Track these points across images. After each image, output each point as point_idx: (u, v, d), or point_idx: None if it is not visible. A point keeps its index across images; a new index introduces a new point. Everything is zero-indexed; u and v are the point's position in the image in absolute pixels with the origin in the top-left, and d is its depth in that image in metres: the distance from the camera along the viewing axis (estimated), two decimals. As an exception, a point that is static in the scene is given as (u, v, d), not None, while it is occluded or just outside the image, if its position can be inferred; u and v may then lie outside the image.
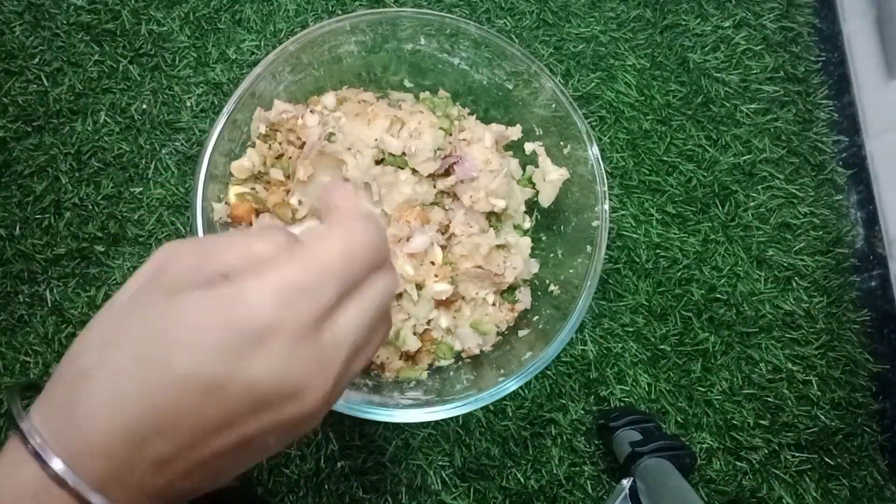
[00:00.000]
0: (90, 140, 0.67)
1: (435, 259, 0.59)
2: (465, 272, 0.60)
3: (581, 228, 0.61)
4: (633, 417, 0.67)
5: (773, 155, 0.79)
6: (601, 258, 0.58)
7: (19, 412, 0.29)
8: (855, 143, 0.82)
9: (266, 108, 0.59)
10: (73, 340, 0.30)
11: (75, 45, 0.69)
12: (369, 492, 0.66)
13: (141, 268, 0.32)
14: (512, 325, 0.63)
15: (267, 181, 0.60)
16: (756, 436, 0.72)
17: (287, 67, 0.59)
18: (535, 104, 0.63)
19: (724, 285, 0.75)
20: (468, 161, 0.60)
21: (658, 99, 0.78)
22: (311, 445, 0.65)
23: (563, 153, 0.62)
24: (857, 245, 0.80)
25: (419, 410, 0.53)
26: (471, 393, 0.54)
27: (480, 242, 0.60)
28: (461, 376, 0.59)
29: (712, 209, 0.77)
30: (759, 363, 0.74)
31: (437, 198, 0.61)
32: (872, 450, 0.74)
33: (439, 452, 0.67)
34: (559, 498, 0.68)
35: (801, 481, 0.72)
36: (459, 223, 0.61)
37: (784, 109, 0.81)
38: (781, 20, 0.83)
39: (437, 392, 0.57)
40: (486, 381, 0.56)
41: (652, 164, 0.77)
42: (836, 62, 0.84)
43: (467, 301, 0.62)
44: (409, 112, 0.61)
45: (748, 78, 0.81)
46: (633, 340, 0.72)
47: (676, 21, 0.81)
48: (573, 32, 0.79)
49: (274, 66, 0.57)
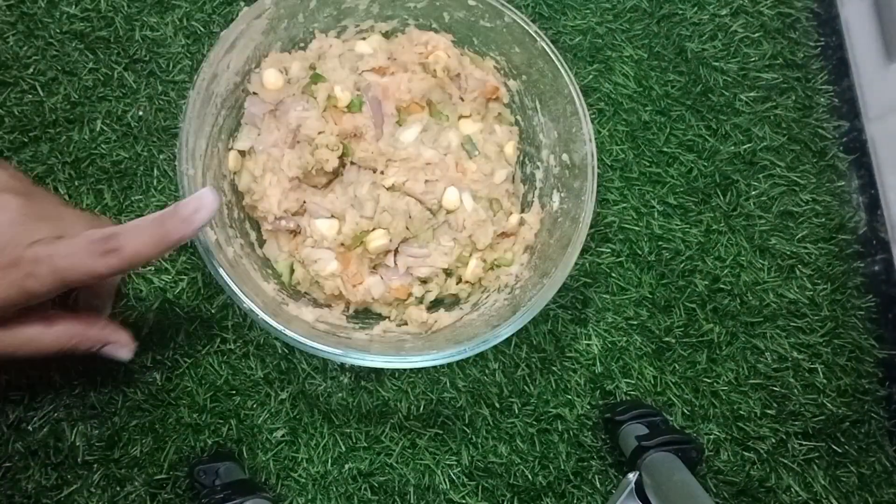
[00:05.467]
0: (87, 149, 0.67)
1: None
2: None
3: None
4: (640, 411, 0.67)
5: (774, 143, 0.78)
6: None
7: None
8: (855, 128, 0.81)
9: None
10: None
11: (69, 53, 0.69)
12: (377, 493, 0.66)
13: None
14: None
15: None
16: (763, 425, 0.72)
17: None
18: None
19: (727, 275, 0.75)
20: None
21: (657, 90, 0.78)
22: (318, 448, 0.65)
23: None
24: (861, 231, 0.80)
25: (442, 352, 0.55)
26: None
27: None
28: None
29: (714, 199, 0.76)
30: (765, 352, 0.73)
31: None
32: (880, 436, 0.74)
33: (446, 452, 0.67)
34: (567, 493, 0.68)
35: (808, 470, 0.72)
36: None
37: (784, 96, 0.80)
38: (779, 6, 0.83)
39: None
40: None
41: (652, 156, 0.76)
42: (834, 46, 0.84)
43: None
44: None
45: (747, 66, 0.80)
46: (637, 333, 0.72)
47: (673, 10, 0.80)
48: (569, 25, 0.78)
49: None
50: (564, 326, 0.71)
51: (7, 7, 0.68)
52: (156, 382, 0.64)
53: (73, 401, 0.63)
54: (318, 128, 0.58)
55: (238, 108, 0.61)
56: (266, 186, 0.59)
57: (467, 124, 0.64)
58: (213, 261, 0.52)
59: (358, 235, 0.59)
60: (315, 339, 0.52)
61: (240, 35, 0.56)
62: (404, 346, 0.58)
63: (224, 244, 0.56)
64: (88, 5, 0.70)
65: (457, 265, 0.62)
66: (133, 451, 0.62)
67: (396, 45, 0.64)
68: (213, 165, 0.58)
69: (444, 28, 0.64)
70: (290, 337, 0.52)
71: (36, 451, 0.61)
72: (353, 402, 0.67)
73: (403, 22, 0.65)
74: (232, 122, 0.61)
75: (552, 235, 0.62)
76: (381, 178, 0.60)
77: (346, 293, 0.60)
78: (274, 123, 0.60)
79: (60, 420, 0.62)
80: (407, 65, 0.63)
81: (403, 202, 0.60)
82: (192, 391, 0.64)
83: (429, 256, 0.61)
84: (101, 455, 0.62)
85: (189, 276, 0.66)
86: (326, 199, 0.60)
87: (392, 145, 0.60)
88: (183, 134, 0.53)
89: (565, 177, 0.62)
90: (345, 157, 0.60)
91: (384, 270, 0.61)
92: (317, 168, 0.58)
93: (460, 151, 0.63)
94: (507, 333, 0.56)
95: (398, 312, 0.62)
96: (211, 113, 0.56)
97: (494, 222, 0.62)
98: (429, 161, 0.60)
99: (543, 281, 0.58)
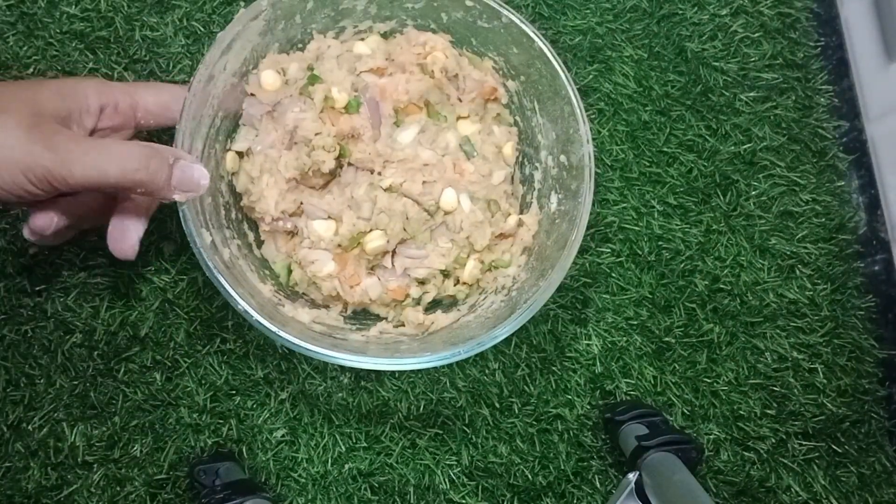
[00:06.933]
0: (87, 149, 0.67)
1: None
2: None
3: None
4: (640, 411, 0.67)
5: (774, 143, 0.78)
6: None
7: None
8: (855, 128, 0.81)
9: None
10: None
11: (69, 53, 0.69)
12: (377, 493, 0.66)
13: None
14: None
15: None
16: (763, 425, 0.72)
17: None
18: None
19: (727, 275, 0.74)
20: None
21: (657, 90, 0.78)
22: (318, 448, 0.66)
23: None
24: (860, 231, 0.79)
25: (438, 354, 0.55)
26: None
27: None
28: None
29: (714, 199, 0.76)
30: (765, 352, 0.73)
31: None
32: (880, 436, 0.74)
33: (446, 452, 0.67)
34: (567, 493, 0.68)
35: (808, 470, 0.72)
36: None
37: (784, 96, 0.80)
38: (779, 6, 0.83)
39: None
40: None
41: (652, 156, 0.76)
42: (834, 46, 0.84)
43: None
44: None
45: (747, 66, 0.80)
46: (637, 333, 0.72)
47: (673, 10, 0.80)
48: (569, 25, 0.78)
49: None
50: (564, 326, 0.71)
51: (7, 7, 0.69)
52: (156, 382, 0.64)
53: (73, 401, 0.63)
54: (316, 129, 0.58)
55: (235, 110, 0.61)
56: (263, 187, 0.59)
57: (465, 125, 0.64)
58: (208, 262, 0.52)
59: (355, 236, 0.59)
60: (310, 340, 0.53)
61: (236, 36, 0.56)
62: (400, 348, 0.59)
63: (221, 245, 0.56)
64: (88, 5, 0.70)
65: (454, 266, 0.62)
66: (133, 451, 0.63)
67: (394, 46, 0.64)
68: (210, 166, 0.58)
69: (442, 29, 0.64)
70: (284, 339, 0.52)
71: (36, 451, 0.62)
72: (353, 402, 0.67)
73: (401, 22, 0.65)
74: (229, 123, 0.61)
75: (550, 237, 0.62)
76: (379, 180, 0.60)
77: (343, 294, 0.60)
78: (271, 124, 0.60)
79: (60, 420, 0.62)
80: (405, 65, 0.63)
81: (401, 203, 0.60)
82: (192, 391, 0.65)
83: (426, 258, 0.61)
84: (101, 455, 0.62)
85: (189, 276, 0.66)
86: (324, 200, 0.60)
87: (390, 146, 0.60)
88: (179, 135, 0.53)
89: (563, 178, 0.62)
90: (342, 159, 0.60)
91: (381, 271, 0.61)
92: (314, 169, 0.59)
93: (458, 152, 0.63)
94: (503, 335, 0.56)
95: (395, 313, 0.62)
96: (208, 114, 0.56)
97: (492, 223, 0.62)
98: (426, 162, 0.60)
99: (540, 282, 0.58)
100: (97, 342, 0.64)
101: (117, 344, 0.64)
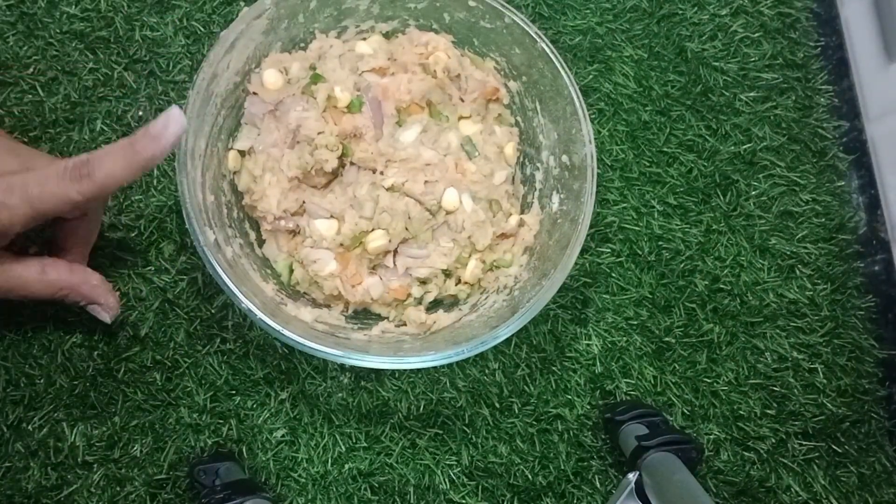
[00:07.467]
0: (88, 149, 0.67)
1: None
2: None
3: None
4: (640, 411, 0.67)
5: (774, 143, 0.78)
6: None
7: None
8: (855, 128, 0.81)
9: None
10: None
11: (69, 53, 0.69)
12: (377, 493, 0.66)
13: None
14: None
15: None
16: (763, 425, 0.72)
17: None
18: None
19: (727, 275, 0.75)
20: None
21: (657, 90, 0.78)
22: (318, 448, 0.65)
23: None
24: (860, 231, 0.79)
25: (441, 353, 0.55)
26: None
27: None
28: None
29: (714, 199, 0.76)
30: (765, 353, 0.73)
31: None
32: (880, 436, 0.74)
33: (446, 452, 0.67)
34: (567, 493, 0.68)
35: (808, 470, 0.72)
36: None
37: (784, 96, 0.80)
38: (779, 6, 0.83)
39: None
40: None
41: (652, 156, 0.76)
42: (834, 46, 0.84)
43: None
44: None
45: (747, 66, 0.80)
46: (637, 333, 0.72)
47: (673, 10, 0.80)
48: (569, 25, 0.78)
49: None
50: (564, 326, 0.71)
51: (7, 7, 0.68)
52: (156, 382, 0.64)
53: (73, 401, 0.63)
54: (318, 128, 0.59)
55: (238, 108, 0.61)
56: (265, 186, 0.59)
57: (467, 125, 0.64)
58: (212, 260, 0.52)
59: (357, 236, 0.59)
60: (313, 339, 0.53)
61: (240, 35, 0.56)
62: (402, 347, 0.59)
63: (223, 244, 0.56)
64: (88, 5, 0.70)
65: (456, 266, 0.62)
66: (133, 451, 0.63)
67: (397, 46, 0.64)
68: (212, 165, 0.58)
69: (444, 29, 0.64)
70: (288, 337, 0.52)
71: (36, 451, 0.61)
72: (353, 402, 0.67)
73: (404, 22, 0.65)
74: (232, 121, 0.61)
75: (551, 237, 0.62)
76: (381, 179, 0.60)
77: (344, 293, 0.60)
78: (274, 123, 0.60)
79: (60, 420, 0.62)
80: (407, 65, 0.63)
81: (403, 203, 0.60)
82: (192, 391, 0.64)
83: (428, 257, 0.61)
84: (101, 455, 0.62)
85: (189, 276, 0.66)
86: (326, 199, 0.60)
87: (392, 146, 0.60)
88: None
89: (565, 178, 0.62)
90: (344, 158, 0.60)
91: (383, 271, 0.61)
92: (316, 168, 0.59)
93: (460, 152, 0.63)
94: (505, 335, 0.56)
95: (397, 313, 0.62)
96: (210, 113, 0.56)
97: (494, 223, 0.62)
98: (428, 162, 0.60)
99: (542, 282, 0.58)
100: (97, 342, 0.64)
101: (117, 344, 0.64)
